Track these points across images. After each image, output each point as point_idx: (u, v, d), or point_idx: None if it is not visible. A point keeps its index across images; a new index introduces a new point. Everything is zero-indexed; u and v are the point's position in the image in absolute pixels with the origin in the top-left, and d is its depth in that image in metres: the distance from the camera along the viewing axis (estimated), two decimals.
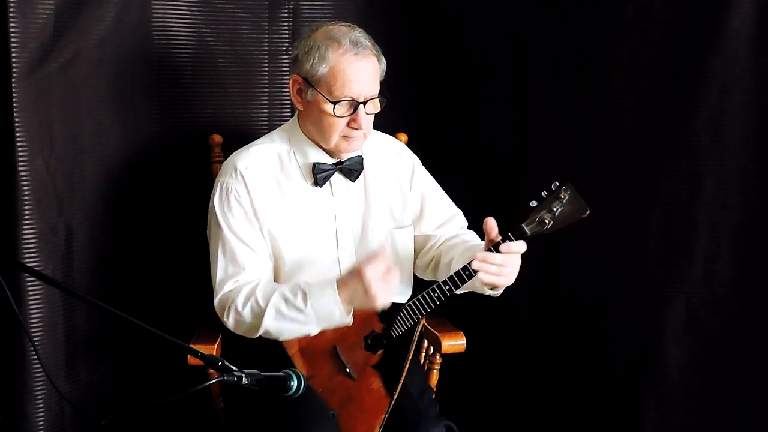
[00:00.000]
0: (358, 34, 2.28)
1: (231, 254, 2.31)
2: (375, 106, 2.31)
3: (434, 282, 2.27)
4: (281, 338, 2.27)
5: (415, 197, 2.51)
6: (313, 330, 2.25)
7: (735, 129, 2.56)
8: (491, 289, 2.29)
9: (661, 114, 2.62)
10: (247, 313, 2.25)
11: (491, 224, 2.19)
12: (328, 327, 2.25)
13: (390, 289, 2.19)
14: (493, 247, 2.18)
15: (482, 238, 2.26)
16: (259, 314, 2.23)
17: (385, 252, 2.23)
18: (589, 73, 2.73)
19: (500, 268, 2.19)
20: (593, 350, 2.82)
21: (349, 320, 2.23)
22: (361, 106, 2.26)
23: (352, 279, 2.20)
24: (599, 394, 2.82)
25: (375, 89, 2.29)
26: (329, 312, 2.21)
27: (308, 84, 2.28)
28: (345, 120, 2.28)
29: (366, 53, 2.26)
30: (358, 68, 2.25)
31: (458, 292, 2.28)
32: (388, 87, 2.34)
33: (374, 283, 2.16)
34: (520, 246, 2.19)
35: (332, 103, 2.25)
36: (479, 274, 2.19)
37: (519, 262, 2.22)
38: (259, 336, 2.27)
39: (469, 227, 2.59)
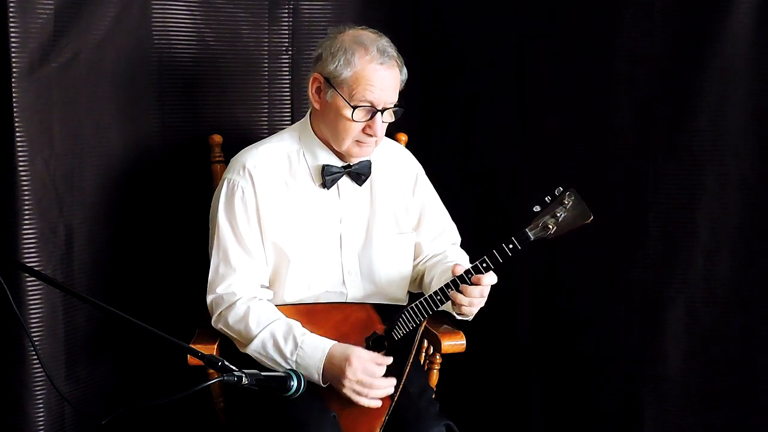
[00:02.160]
0: (385, 43, 2.28)
1: (224, 254, 2.32)
2: (391, 116, 2.31)
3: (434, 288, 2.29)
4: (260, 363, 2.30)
5: (416, 205, 2.51)
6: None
7: (735, 129, 2.56)
8: (460, 314, 2.30)
9: (661, 114, 2.62)
10: (235, 333, 2.30)
11: (458, 267, 2.22)
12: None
13: (360, 398, 2.20)
14: (466, 274, 2.19)
15: (470, 254, 2.26)
16: (246, 339, 2.27)
17: (386, 361, 2.24)
18: (589, 73, 2.73)
19: (472, 300, 2.21)
20: (593, 350, 2.82)
21: (323, 384, 2.25)
22: (379, 113, 2.26)
23: (340, 359, 2.20)
24: (599, 394, 2.82)
25: (394, 99, 2.29)
26: (308, 372, 2.22)
27: (329, 84, 2.28)
28: (361, 125, 2.27)
29: (391, 63, 2.27)
30: (381, 77, 2.25)
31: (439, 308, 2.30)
32: None
33: (349, 383, 2.19)
34: (491, 278, 2.21)
35: (352, 107, 2.25)
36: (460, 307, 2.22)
37: (487, 293, 2.23)
38: None
39: (468, 228, 2.59)
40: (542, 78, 2.82)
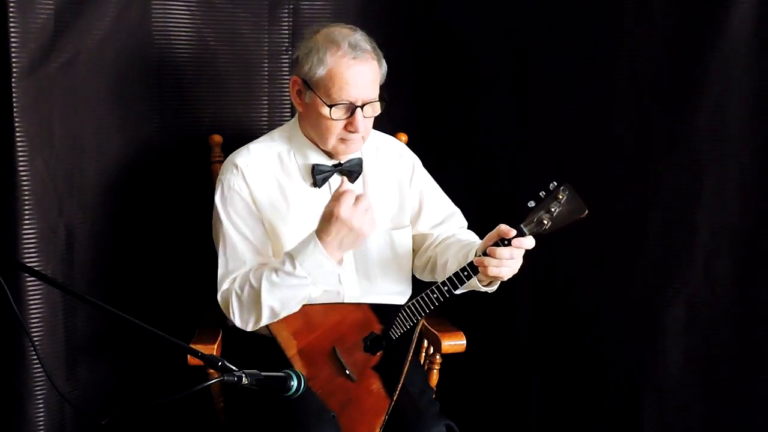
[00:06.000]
0: (359, 37, 2.28)
1: (232, 249, 2.32)
2: (374, 110, 2.31)
3: (433, 283, 2.28)
4: (286, 311, 2.26)
5: (414, 195, 2.51)
6: (312, 291, 2.25)
7: (735, 129, 2.56)
8: (487, 285, 2.29)
9: (661, 114, 2.62)
10: (246, 297, 2.26)
11: (507, 227, 2.19)
12: (325, 282, 2.25)
13: (370, 217, 2.20)
14: (500, 241, 2.18)
15: (482, 238, 2.26)
16: (257, 292, 2.24)
17: (345, 184, 2.23)
18: (589, 72, 2.73)
19: (506, 261, 2.18)
20: (593, 350, 2.82)
21: (340, 269, 2.25)
22: (359, 109, 2.26)
23: (330, 224, 2.19)
24: (599, 395, 2.82)
25: (373, 93, 2.29)
26: (320, 266, 2.21)
27: (307, 86, 2.29)
28: (342, 123, 2.28)
29: (365, 57, 2.26)
30: (355, 72, 2.24)
31: (457, 292, 2.28)
32: (388, 87, 2.34)
33: (354, 219, 2.17)
34: (530, 242, 2.18)
35: (329, 106, 2.25)
36: (489, 269, 2.17)
37: (521, 259, 2.21)
38: (266, 327, 2.28)
39: (468, 227, 2.59)
40: (542, 76, 2.82)
